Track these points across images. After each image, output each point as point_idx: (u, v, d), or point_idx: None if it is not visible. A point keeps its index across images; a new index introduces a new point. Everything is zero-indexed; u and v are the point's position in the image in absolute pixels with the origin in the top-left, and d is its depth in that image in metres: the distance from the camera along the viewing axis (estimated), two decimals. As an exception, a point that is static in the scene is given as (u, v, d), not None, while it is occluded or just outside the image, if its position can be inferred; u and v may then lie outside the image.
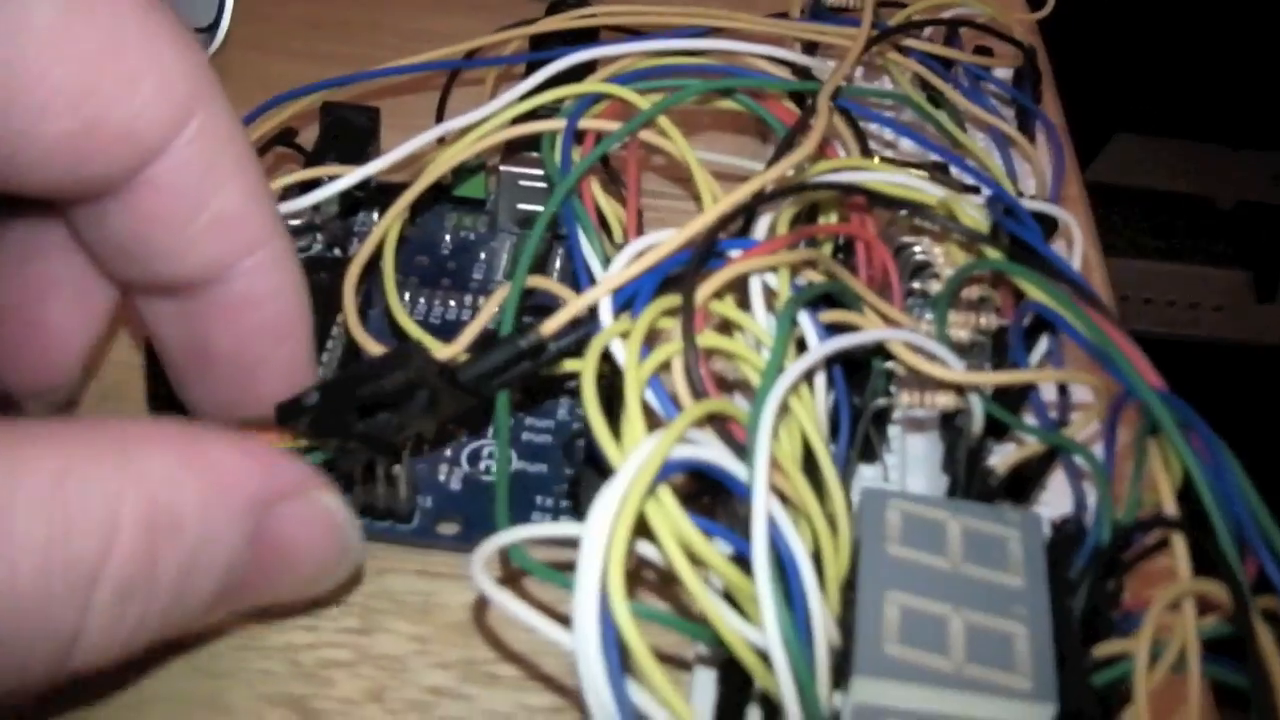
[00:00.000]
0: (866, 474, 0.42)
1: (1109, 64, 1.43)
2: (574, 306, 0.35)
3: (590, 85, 0.44)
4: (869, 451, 0.41)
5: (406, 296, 0.47)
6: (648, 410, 0.33)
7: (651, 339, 0.35)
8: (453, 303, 0.46)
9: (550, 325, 0.35)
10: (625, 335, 0.34)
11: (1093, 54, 1.36)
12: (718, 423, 0.33)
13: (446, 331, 0.45)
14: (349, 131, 0.48)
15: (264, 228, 0.34)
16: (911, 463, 0.42)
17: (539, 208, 0.46)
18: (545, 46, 0.52)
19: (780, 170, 0.39)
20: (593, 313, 0.36)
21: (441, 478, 0.42)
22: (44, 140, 0.30)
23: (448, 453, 0.42)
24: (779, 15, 0.55)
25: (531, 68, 0.52)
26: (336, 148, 0.47)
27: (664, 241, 0.37)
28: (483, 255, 0.48)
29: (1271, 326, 1.59)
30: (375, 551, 0.40)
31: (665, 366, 0.34)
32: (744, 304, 0.37)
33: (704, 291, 0.35)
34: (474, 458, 0.42)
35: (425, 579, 0.40)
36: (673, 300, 0.35)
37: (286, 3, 0.63)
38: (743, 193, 0.38)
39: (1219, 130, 1.54)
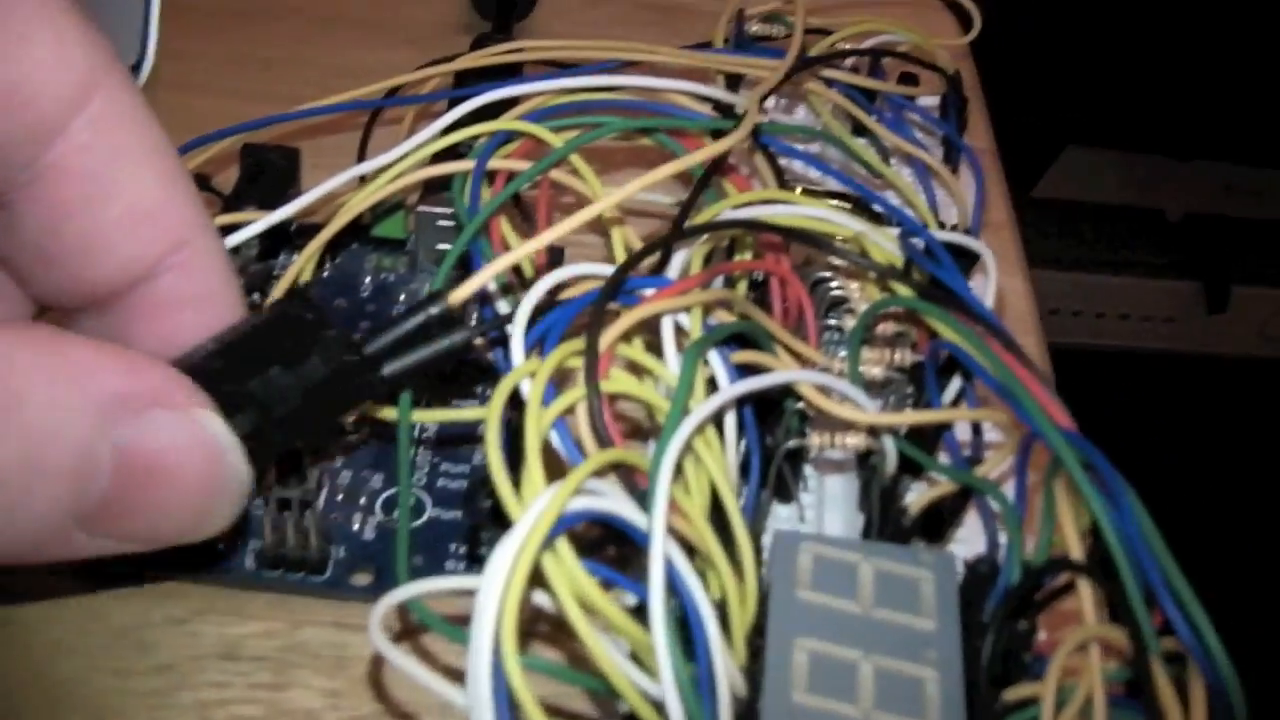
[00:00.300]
0: (782, 513, 0.41)
1: (1058, 77, 1.44)
2: (485, 274, 0.35)
3: (501, 124, 0.43)
4: (784, 491, 0.41)
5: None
6: (555, 454, 0.33)
7: (565, 379, 0.35)
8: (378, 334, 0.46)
9: (459, 294, 0.34)
10: (534, 375, 0.34)
11: (1041, 68, 1.37)
12: (623, 470, 0.32)
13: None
14: (269, 173, 0.48)
15: (186, 221, 0.33)
16: (829, 500, 0.42)
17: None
18: (469, 83, 0.52)
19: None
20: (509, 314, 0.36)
21: (355, 527, 0.41)
22: None
23: (362, 500, 0.42)
24: (703, 46, 0.55)
25: (454, 104, 0.52)
26: (257, 190, 0.47)
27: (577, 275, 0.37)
28: (402, 296, 0.48)
29: (1223, 337, 1.60)
30: (289, 604, 0.40)
31: (573, 409, 0.33)
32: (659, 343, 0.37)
33: (611, 334, 0.35)
34: (388, 505, 0.42)
35: (339, 630, 0.39)
36: (581, 342, 0.34)
37: (210, 40, 0.63)
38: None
39: (1168, 142, 1.55)
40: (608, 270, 0.37)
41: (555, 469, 0.32)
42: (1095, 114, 1.50)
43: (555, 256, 0.43)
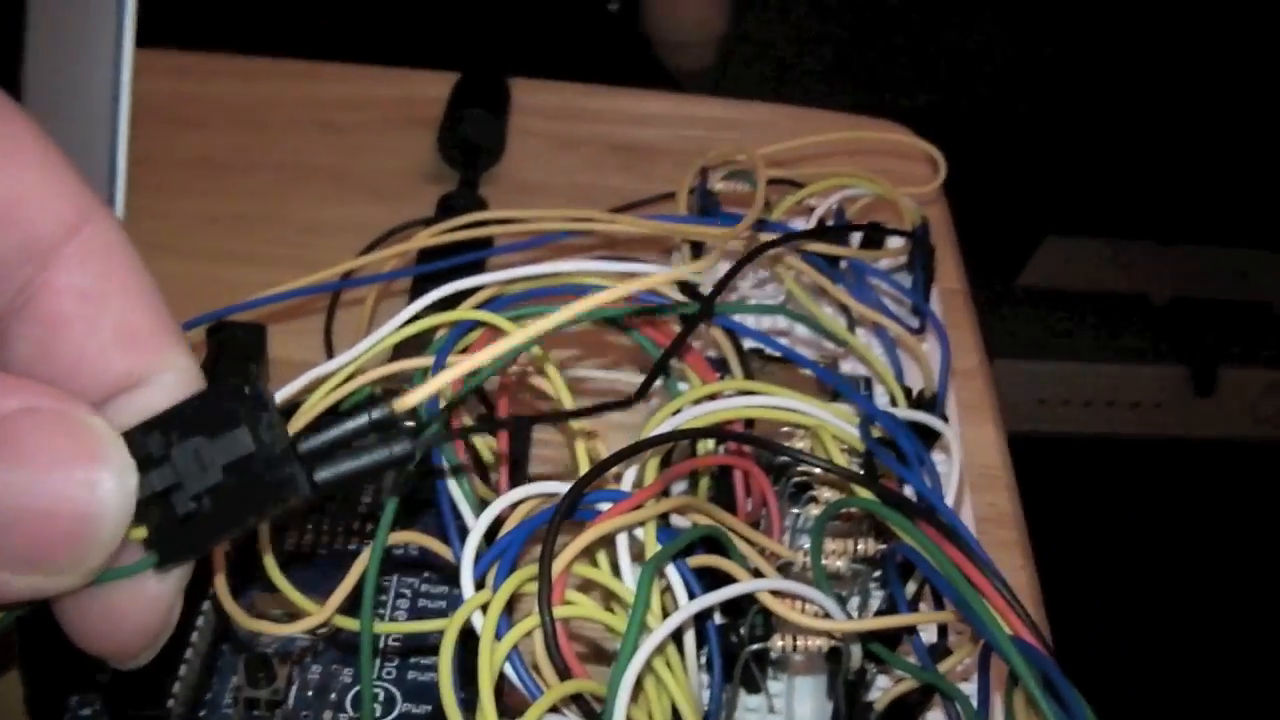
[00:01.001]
0: (751, 703, 0.41)
1: (1035, 169, 1.45)
2: (436, 381, 0.32)
3: (460, 314, 0.43)
4: (751, 683, 0.41)
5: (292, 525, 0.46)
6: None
7: (517, 601, 0.35)
8: (340, 529, 0.46)
9: (406, 400, 0.32)
10: (485, 607, 0.34)
11: (1018, 160, 1.38)
12: (583, 698, 0.32)
13: (336, 563, 0.45)
14: (237, 350, 0.48)
15: (172, 343, 0.32)
16: (798, 689, 0.42)
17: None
18: (433, 255, 0.52)
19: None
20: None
21: (324, 727, 0.41)
22: None
23: (332, 697, 0.42)
24: (666, 196, 0.56)
25: (417, 282, 0.52)
26: (225, 368, 0.47)
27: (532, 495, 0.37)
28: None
29: (1213, 420, 1.60)
30: (258, 813, 0.40)
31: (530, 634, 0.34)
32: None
33: (564, 558, 0.35)
34: (358, 702, 0.42)
35: (307, 839, 0.39)
36: (535, 568, 0.34)
37: (182, 198, 0.63)
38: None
39: (1150, 227, 1.56)
40: (556, 488, 0.37)
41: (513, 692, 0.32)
42: (1076, 201, 1.51)
43: (521, 429, 0.43)
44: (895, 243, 0.54)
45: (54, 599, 0.29)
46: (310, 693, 0.42)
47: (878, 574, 0.42)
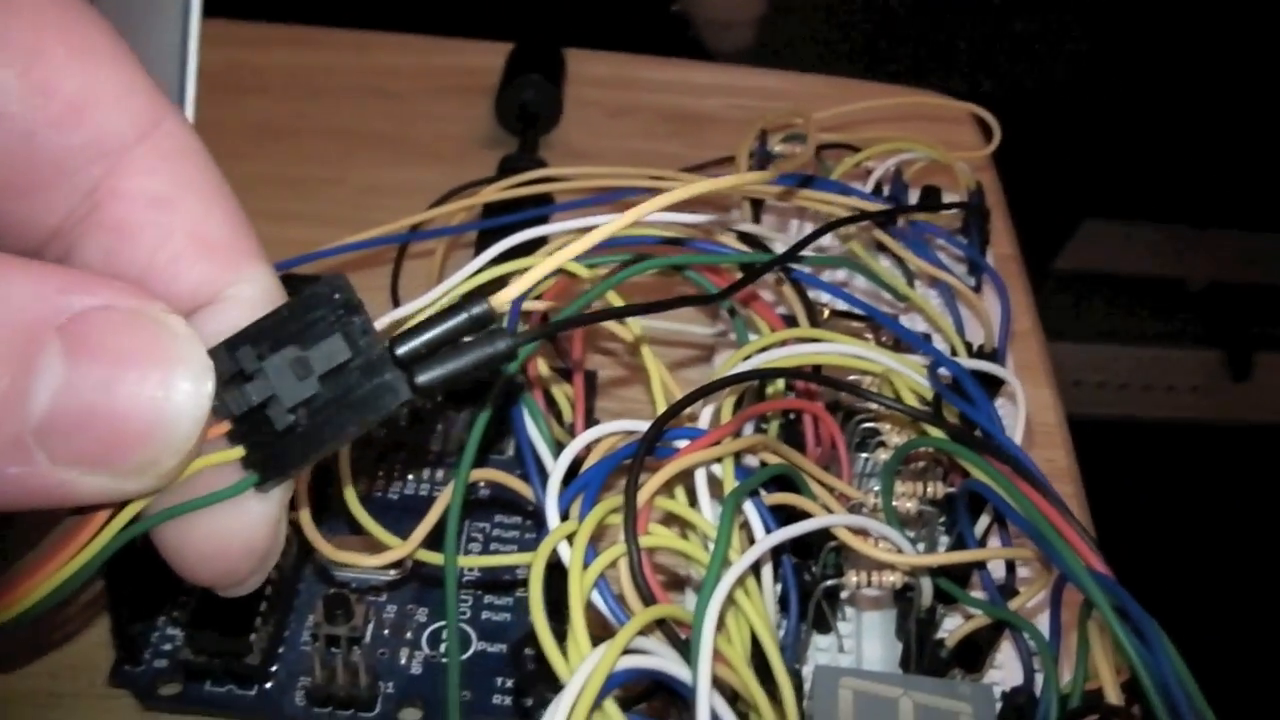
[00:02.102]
0: (822, 643, 0.42)
1: (1074, 151, 1.45)
2: (529, 277, 0.31)
3: (537, 259, 0.44)
4: (822, 623, 0.41)
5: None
6: (597, 610, 0.33)
7: (601, 534, 0.35)
8: (411, 477, 0.47)
9: (503, 295, 0.31)
10: (572, 537, 0.34)
11: (1057, 142, 1.38)
12: (666, 624, 0.33)
13: (406, 508, 0.46)
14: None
15: (249, 254, 0.31)
16: (867, 629, 0.43)
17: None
18: (497, 210, 0.53)
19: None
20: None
21: (402, 661, 0.42)
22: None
23: (408, 635, 0.43)
24: (724, 161, 0.56)
25: (482, 236, 0.53)
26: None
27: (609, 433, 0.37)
28: (439, 426, 0.49)
29: (1249, 405, 1.60)
30: (340, 744, 0.41)
31: (615, 564, 0.34)
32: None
33: (648, 490, 0.35)
34: (434, 640, 0.42)
35: (389, 769, 0.40)
36: (619, 499, 0.35)
37: (241, 162, 0.63)
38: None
39: (1186, 211, 1.55)
40: (635, 425, 0.38)
41: (597, 619, 0.33)
42: (1114, 185, 1.51)
43: (590, 381, 0.44)
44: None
45: (128, 503, 0.28)
46: (386, 631, 0.43)
47: (943, 520, 0.43)
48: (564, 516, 0.36)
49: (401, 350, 0.29)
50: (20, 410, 0.25)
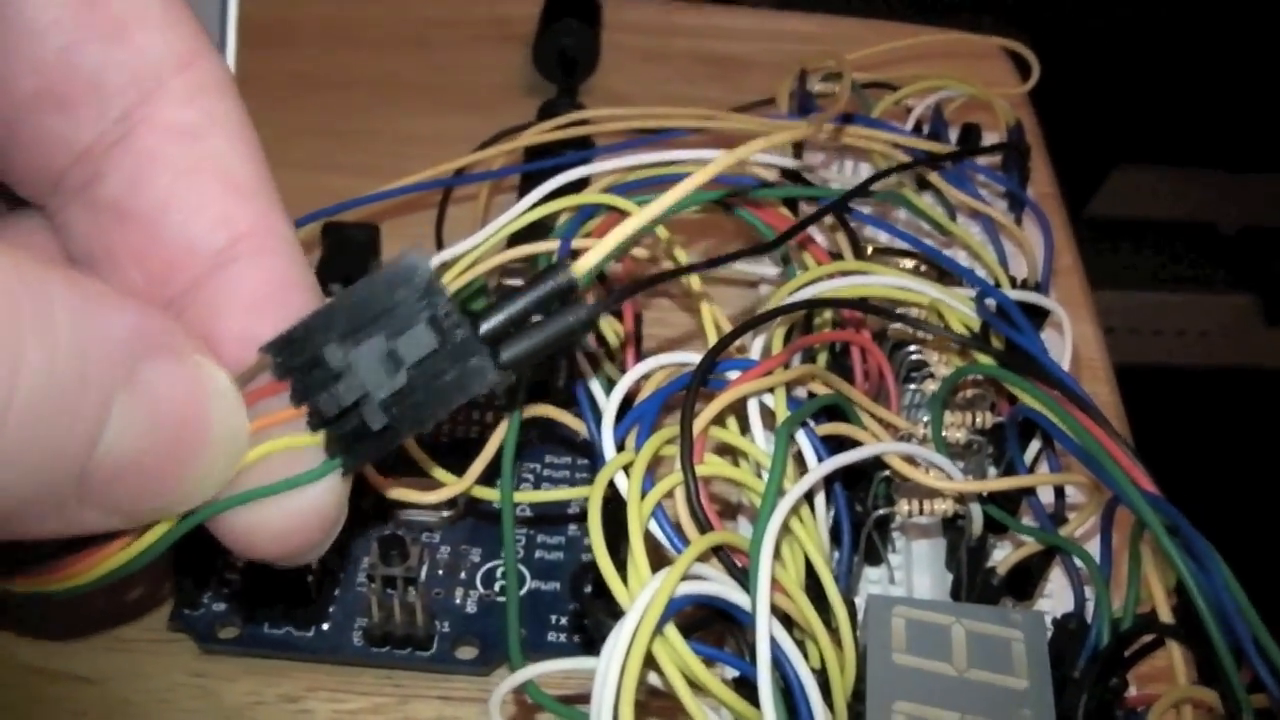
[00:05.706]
0: (872, 575, 0.42)
1: (1107, 97, 1.44)
2: (610, 241, 0.31)
3: (585, 198, 0.44)
4: (873, 555, 0.42)
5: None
6: (654, 539, 0.34)
7: (656, 464, 0.36)
8: (459, 419, 0.47)
9: (584, 264, 0.31)
10: (628, 467, 0.35)
11: (1090, 88, 1.37)
12: (722, 551, 0.33)
13: (456, 451, 0.46)
14: (351, 250, 0.49)
15: (270, 205, 0.31)
16: (917, 561, 0.43)
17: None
18: (538, 155, 0.53)
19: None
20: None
21: (457, 600, 0.42)
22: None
23: (462, 575, 0.43)
24: (764, 104, 0.56)
25: (526, 179, 0.53)
26: (340, 267, 0.48)
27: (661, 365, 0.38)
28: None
29: (1282, 349, 1.59)
30: (397, 679, 0.41)
31: (671, 493, 0.35)
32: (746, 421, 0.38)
33: (703, 419, 0.36)
34: (488, 579, 0.43)
35: (447, 704, 0.41)
36: (673, 429, 0.35)
37: (282, 112, 0.64)
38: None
39: (1219, 156, 1.55)
40: (687, 358, 0.38)
41: (652, 548, 0.33)
42: (1146, 131, 1.50)
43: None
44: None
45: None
46: (440, 571, 0.43)
47: (992, 451, 0.43)
48: (619, 448, 0.36)
49: (485, 328, 0.29)
50: (87, 451, 0.25)
